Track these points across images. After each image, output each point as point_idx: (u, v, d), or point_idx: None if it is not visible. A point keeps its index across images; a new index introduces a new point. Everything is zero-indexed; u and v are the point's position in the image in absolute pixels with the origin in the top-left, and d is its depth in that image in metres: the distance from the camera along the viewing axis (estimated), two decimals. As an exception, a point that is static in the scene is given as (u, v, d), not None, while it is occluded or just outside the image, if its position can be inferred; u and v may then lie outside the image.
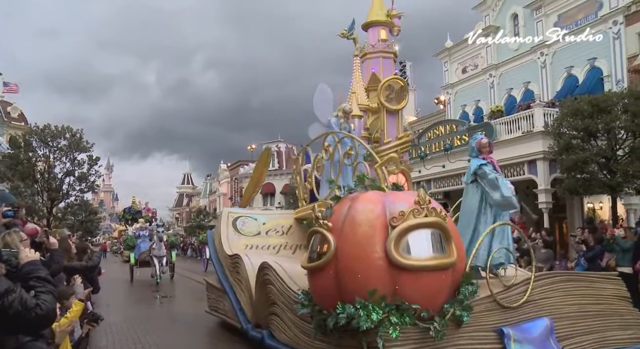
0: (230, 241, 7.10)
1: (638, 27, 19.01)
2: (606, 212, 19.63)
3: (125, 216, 21.93)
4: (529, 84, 22.85)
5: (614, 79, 19.67)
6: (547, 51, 22.13)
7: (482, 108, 24.67)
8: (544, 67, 22.36)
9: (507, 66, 23.55)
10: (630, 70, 19.08)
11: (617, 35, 19.76)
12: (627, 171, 14.65)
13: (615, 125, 15.13)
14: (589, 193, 17.07)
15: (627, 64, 19.39)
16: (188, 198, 61.00)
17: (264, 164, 8.66)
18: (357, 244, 4.25)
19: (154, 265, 15.76)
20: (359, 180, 4.62)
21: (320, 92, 6.95)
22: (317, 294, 4.61)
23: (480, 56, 24.67)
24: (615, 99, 15.48)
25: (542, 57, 22.35)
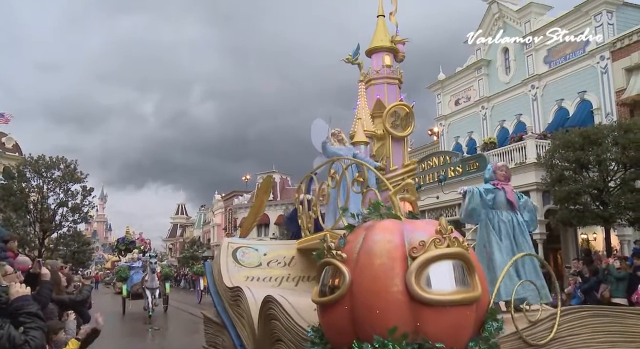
0: (230, 272, 6.64)
1: (624, 62, 19.26)
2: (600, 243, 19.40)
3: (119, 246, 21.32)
4: (521, 116, 22.92)
5: (603, 112, 19.79)
6: (538, 84, 22.31)
7: (475, 140, 24.65)
8: (535, 100, 22.48)
9: (499, 99, 23.66)
10: (619, 104, 19.18)
11: (605, 70, 19.96)
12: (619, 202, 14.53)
13: (606, 157, 15.07)
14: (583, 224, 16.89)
15: (615, 98, 19.52)
16: (182, 229, 60.22)
17: (264, 191, 8.27)
18: (374, 277, 3.84)
19: (147, 297, 15.14)
20: (374, 207, 4.24)
21: (315, 127, 6.72)
22: (329, 331, 4.17)
23: (472, 89, 24.80)
24: (606, 131, 15.50)
25: (533, 90, 22.51)
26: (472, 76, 24.51)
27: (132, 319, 16.11)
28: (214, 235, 46.83)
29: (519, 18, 22.58)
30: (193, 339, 13.09)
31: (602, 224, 15.69)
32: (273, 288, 6.41)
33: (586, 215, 15.18)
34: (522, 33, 22.33)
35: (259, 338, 5.49)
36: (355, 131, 6.61)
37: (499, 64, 23.71)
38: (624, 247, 17.04)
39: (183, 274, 37.69)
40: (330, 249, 4.12)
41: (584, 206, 14.99)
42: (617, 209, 14.53)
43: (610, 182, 15.11)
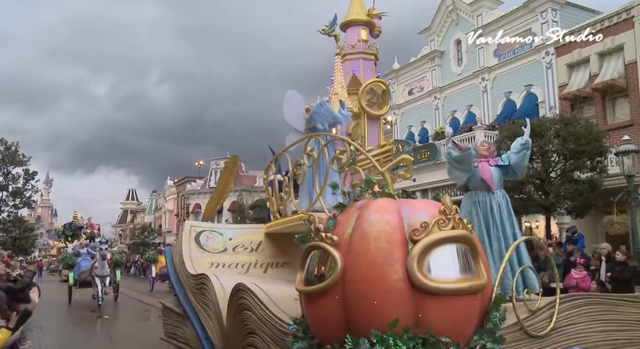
0: (193, 258, 5.93)
1: (567, 58, 19.55)
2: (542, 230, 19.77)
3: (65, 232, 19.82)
4: (472, 107, 23.00)
5: (547, 105, 20.10)
6: (488, 77, 22.39)
7: (427, 129, 24.60)
8: (485, 92, 22.58)
9: (451, 89, 23.64)
10: (562, 98, 19.52)
11: (549, 65, 20.21)
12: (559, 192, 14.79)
13: (548, 148, 15.27)
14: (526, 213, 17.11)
15: (558, 92, 19.84)
16: (132, 214, 57.80)
17: (230, 172, 7.52)
18: (371, 262, 3.28)
19: (96, 285, 14.00)
20: (366, 184, 3.66)
21: (289, 99, 6.02)
22: (316, 325, 3.59)
23: (425, 79, 24.68)
24: (548, 124, 15.70)
25: (484, 82, 22.59)
26: (426, 67, 24.40)
27: (80, 308, 14.94)
28: (166, 221, 45.12)
29: (471, 11, 22.57)
30: (144, 327, 12.33)
31: (543, 212, 15.97)
32: (240, 275, 5.76)
33: (529, 204, 15.37)
34: (474, 26, 22.33)
35: (228, 330, 4.83)
36: (332, 107, 6.00)
37: (452, 56, 23.69)
38: (562, 235, 17.40)
39: (133, 261, 36.06)
40: (318, 231, 3.53)
41: (527, 195, 15.18)
42: (557, 198, 14.82)
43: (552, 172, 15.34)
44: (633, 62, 17.27)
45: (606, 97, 18.27)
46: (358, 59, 6.53)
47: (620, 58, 17.56)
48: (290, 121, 5.86)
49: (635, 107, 17.23)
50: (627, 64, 17.43)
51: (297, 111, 5.86)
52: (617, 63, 17.62)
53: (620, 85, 17.37)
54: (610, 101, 18.47)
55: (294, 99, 5.98)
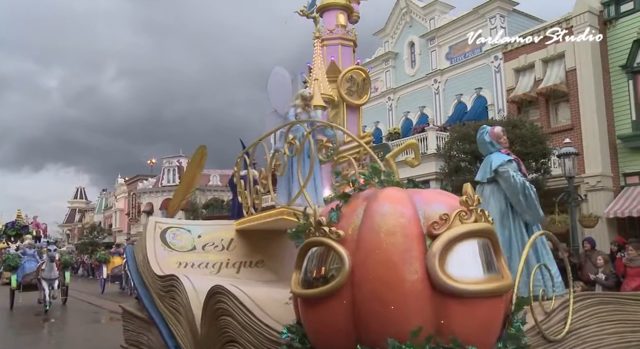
0: (159, 257, 5.19)
1: (514, 63, 19.85)
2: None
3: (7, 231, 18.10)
4: (424, 109, 23.01)
5: (496, 108, 20.34)
6: (440, 79, 22.47)
7: (381, 129, 24.43)
8: (437, 94, 22.64)
9: (405, 91, 23.55)
10: (509, 101, 19.81)
11: (498, 69, 20.47)
12: (506, 191, 14.95)
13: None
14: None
15: (506, 95, 20.13)
16: (81, 214, 54.67)
17: (197, 165, 6.76)
18: (386, 261, 2.72)
19: (43, 289, 12.65)
20: (374, 172, 3.10)
21: (276, 75, 5.33)
22: (316, 333, 2.99)
23: (380, 80, 24.48)
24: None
25: (436, 84, 22.65)
26: (380, 68, 24.19)
27: (23, 313, 13.55)
28: (116, 220, 42.90)
29: (424, 14, 22.58)
30: (95, 330, 11.31)
31: (490, 211, 16.12)
32: (212, 276, 5.07)
33: (477, 203, 15.42)
34: (427, 29, 22.36)
35: (203, 338, 4.15)
36: (312, 93, 5.40)
37: (405, 58, 23.62)
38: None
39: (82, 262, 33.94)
40: (320, 225, 2.94)
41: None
42: (504, 198, 14.95)
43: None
44: (573, 69, 17.67)
45: (550, 101, 18.66)
46: (336, 44, 5.98)
47: (562, 65, 17.94)
48: (273, 102, 5.20)
49: (575, 111, 17.65)
50: (567, 70, 17.84)
51: (282, 91, 5.20)
52: (559, 69, 18.00)
53: (562, 90, 17.76)
54: (554, 105, 18.87)
55: (280, 75, 5.30)
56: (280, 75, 5.37)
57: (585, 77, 16.93)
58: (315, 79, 5.56)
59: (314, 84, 5.51)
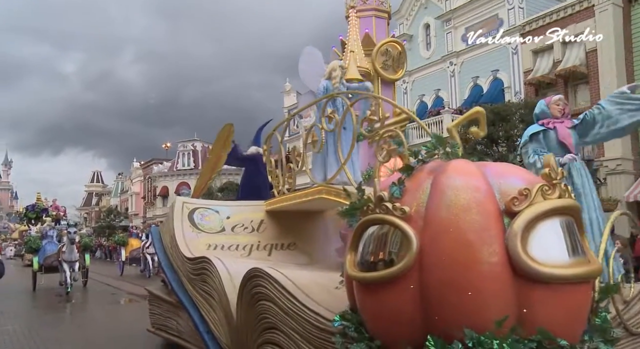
0: (188, 239, 4.85)
1: (531, 45, 19.16)
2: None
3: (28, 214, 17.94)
4: (439, 91, 22.45)
5: (513, 90, 19.77)
6: (456, 61, 21.85)
7: (395, 112, 23.88)
8: (452, 76, 22.06)
9: (419, 73, 22.95)
10: (526, 83, 19.21)
11: (515, 51, 19.83)
12: (524, 175, 14.68)
13: (513, 133, 14.97)
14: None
15: (523, 77, 19.52)
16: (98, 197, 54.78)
17: (222, 143, 6.39)
18: (461, 241, 2.34)
19: (64, 271, 12.45)
20: (438, 142, 2.71)
21: (307, 54, 4.96)
22: (377, 321, 2.63)
23: (395, 63, 23.84)
24: (514, 108, 15.38)
25: (452, 67, 22.05)
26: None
27: (45, 294, 13.42)
28: (132, 204, 42.90)
29: (440, -5, 21.90)
30: (114, 311, 11.23)
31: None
32: (244, 259, 4.73)
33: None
34: (442, 10, 21.69)
35: (240, 324, 3.82)
36: (348, 66, 4.98)
37: (421, 40, 22.99)
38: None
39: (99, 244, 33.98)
40: (381, 201, 2.56)
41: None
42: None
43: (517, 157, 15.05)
44: (593, 49, 17.01)
45: (569, 83, 18.03)
46: (370, 16, 5.53)
47: (582, 45, 17.27)
48: (306, 81, 4.82)
49: (595, 93, 17.03)
50: (588, 51, 17.18)
51: (315, 69, 4.82)
52: (579, 50, 17.33)
53: (581, 72, 17.15)
54: (572, 87, 18.24)
55: (312, 55, 4.93)
56: (312, 55, 4.99)
57: (607, 57, 16.28)
58: (351, 51, 5.13)
59: (349, 56, 5.09)
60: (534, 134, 3.96)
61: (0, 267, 5.66)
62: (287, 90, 30.10)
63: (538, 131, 3.97)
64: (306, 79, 4.90)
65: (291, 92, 30.03)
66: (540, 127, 3.96)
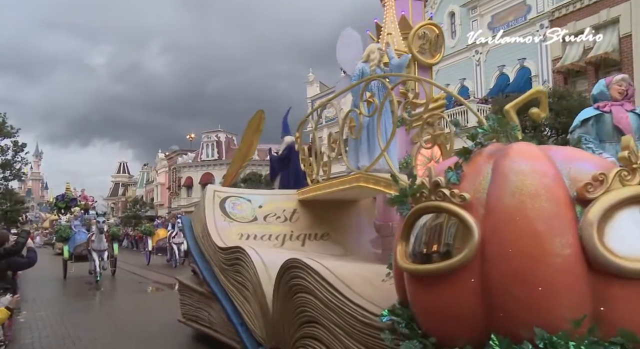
0: (220, 228, 4.70)
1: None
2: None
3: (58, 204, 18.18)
4: (464, 81, 21.95)
5: (540, 79, 19.18)
6: (482, 50, 21.30)
7: (419, 102, 23.47)
8: (478, 65, 21.52)
9: (444, 63, 22.32)
10: (555, 72, 18.59)
11: (544, 38, 19.19)
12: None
13: (541, 122, 14.49)
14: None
15: (552, 66, 18.90)
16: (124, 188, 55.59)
17: (254, 130, 6.21)
18: (529, 230, 2.10)
19: (93, 260, 12.54)
20: (498, 123, 2.46)
21: (345, 37, 4.71)
22: (432, 317, 2.41)
23: (419, 52, 23.38)
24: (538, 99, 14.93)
25: (477, 55, 21.49)
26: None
27: (75, 282, 13.57)
28: (158, 194, 43.36)
29: (464, -18, 21.32)
30: (142, 299, 11.30)
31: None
32: (276, 249, 4.56)
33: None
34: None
35: (276, 317, 3.64)
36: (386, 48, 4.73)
37: (445, 29, 22.41)
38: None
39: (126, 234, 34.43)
40: (437, 187, 2.33)
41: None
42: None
43: (555, 145, 14.64)
44: (628, 35, 16.32)
45: (600, 71, 17.36)
46: (407, -2, 5.26)
47: (615, 31, 16.58)
48: (342, 64, 4.59)
49: (629, 81, 16.36)
50: (621, 37, 16.49)
51: (352, 52, 4.58)
52: (612, 36, 16.64)
53: (614, 58, 16.48)
54: (604, 75, 17.54)
55: (350, 37, 4.70)
56: (350, 37, 4.75)
57: (643, 43, 15.60)
58: (389, 34, 4.87)
59: (386, 39, 4.83)
60: (586, 120, 3.64)
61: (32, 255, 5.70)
62: (310, 80, 29.82)
63: (590, 117, 3.64)
64: (343, 62, 4.67)
65: (314, 82, 29.75)
66: (594, 112, 3.63)
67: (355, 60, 4.55)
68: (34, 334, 6.94)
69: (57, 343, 6.27)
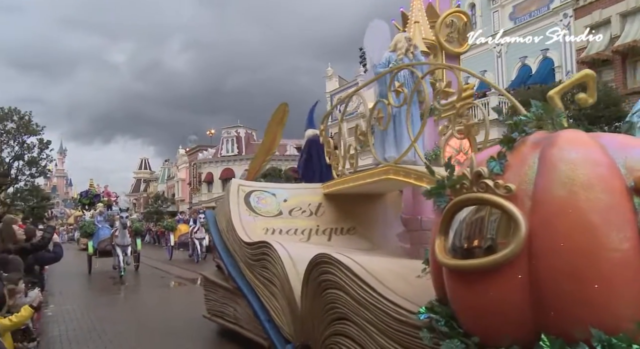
0: (245, 223, 4.61)
1: (585, 20, 17.96)
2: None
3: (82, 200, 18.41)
4: (485, 73, 21.45)
5: (564, 70, 18.64)
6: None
7: (440, 95, 23.08)
8: (499, 57, 21.04)
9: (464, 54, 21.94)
10: (579, 62, 18.07)
11: (567, 28, 18.63)
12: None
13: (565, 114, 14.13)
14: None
15: (576, 56, 18.36)
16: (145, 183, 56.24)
17: (277, 123, 6.11)
18: (583, 224, 1.95)
19: (117, 255, 12.64)
20: (544, 110, 2.29)
21: (374, 29, 4.58)
22: (473, 315, 2.27)
23: (439, 44, 22.97)
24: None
25: (498, 47, 21.00)
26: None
27: (100, 277, 13.72)
28: (179, 190, 43.74)
29: (486, -26, 20.83)
30: (165, 293, 11.41)
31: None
32: (303, 243, 4.45)
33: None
34: (489, -11, 20.63)
35: (305, 314, 3.54)
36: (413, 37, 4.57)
37: (466, 20, 21.97)
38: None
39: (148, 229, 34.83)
40: (480, 177, 2.19)
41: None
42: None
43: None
44: (659, 22, 15.73)
45: (627, 60, 16.78)
46: (433, -15, 5.08)
47: (646, 17, 16.00)
48: (371, 54, 4.45)
49: (658, 70, 15.80)
50: (652, 23, 15.88)
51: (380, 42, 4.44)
52: (642, 23, 16.06)
53: (644, 46, 15.87)
54: (631, 64, 16.99)
55: (378, 28, 4.56)
56: (378, 28, 4.60)
57: (674, 30, 15.04)
58: (416, 22, 4.71)
59: (414, 27, 4.67)
60: None
61: (58, 250, 5.74)
62: (329, 75, 29.62)
63: None
64: (371, 52, 4.53)
65: (333, 77, 29.55)
66: None
67: (383, 50, 4.40)
68: (61, 327, 7.04)
69: (84, 336, 6.35)
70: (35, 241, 5.40)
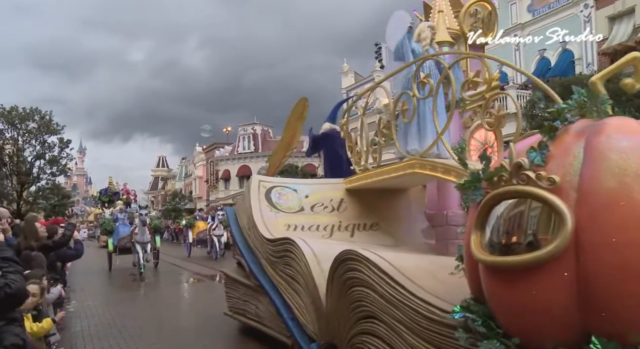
0: (266, 219, 4.52)
1: (607, 10, 17.47)
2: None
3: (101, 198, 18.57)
4: (503, 66, 21.05)
5: (584, 62, 18.17)
6: (521, 33, 20.37)
7: (456, 90, 22.75)
8: (517, 50, 20.60)
9: (483, 47, 21.69)
10: (600, 54, 17.59)
11: (588, 19, 18.15)
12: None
13: None
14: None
15: (597, 47, 17.89)
16: (163, 181, 56.74)
17: (297, 118, 6.00)
18: (637, 217, 1.81)
19: (137, 252, 12.69)
20: (589, 97, 2.14)
21: (396, 20, 4.45)
22: (513, 315, 2.14)
23: (456, 38, 22.62)
24: (586, 81, 14.05)
25: (516, 39, 20.55)
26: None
27: (120, 274, 13.82)
28: (196, 187, 44.02)
29: (504, -35, 20.37)
30: (184, 290, 11.45)
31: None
32: (326, 240, 4.34)
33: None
34: (507, -20, 20.19)
35: (330, 312, 3.43)
36: (437, 27, 4.42)
37: (483, 13, 21.58)
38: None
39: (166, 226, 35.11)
40: (520, 169, 2.05)
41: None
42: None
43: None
44: (687, 8, 15.23)
45: (652, 50, 16.26)
46: (456, -28, 4.90)
47: (673, 5, 15.50)
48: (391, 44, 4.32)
49: (684, 60, 15.30)
50: (679, 11, 15.39)
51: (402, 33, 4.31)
52: (668, 11, 15.56)
53: (670, 35, 15.37)
54: (657, 55, 16.44)
55: (401, 19, 4.43)
56: (401, 19, 4.46)
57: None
58: (440, 11, 4.55)
59: (437, 17, 4.51)
60: None
61: (79, 247, 5.75)
62: (345, 71, 29.43)
63: None
64: (390, 41, 4.39)
65: (349, 72, 29.34)
66: None
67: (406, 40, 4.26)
68: (82, 322, 7.11)
69: (105, 332, 6.38)
70: (57, 238, 5.42)
